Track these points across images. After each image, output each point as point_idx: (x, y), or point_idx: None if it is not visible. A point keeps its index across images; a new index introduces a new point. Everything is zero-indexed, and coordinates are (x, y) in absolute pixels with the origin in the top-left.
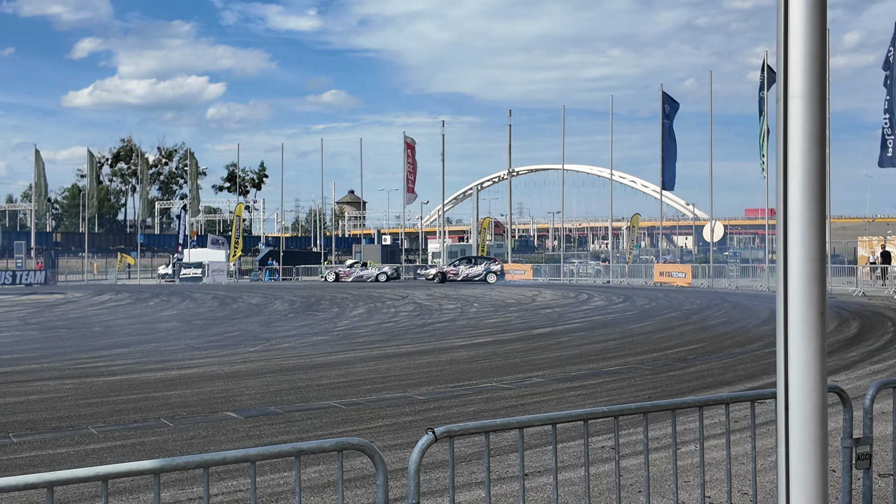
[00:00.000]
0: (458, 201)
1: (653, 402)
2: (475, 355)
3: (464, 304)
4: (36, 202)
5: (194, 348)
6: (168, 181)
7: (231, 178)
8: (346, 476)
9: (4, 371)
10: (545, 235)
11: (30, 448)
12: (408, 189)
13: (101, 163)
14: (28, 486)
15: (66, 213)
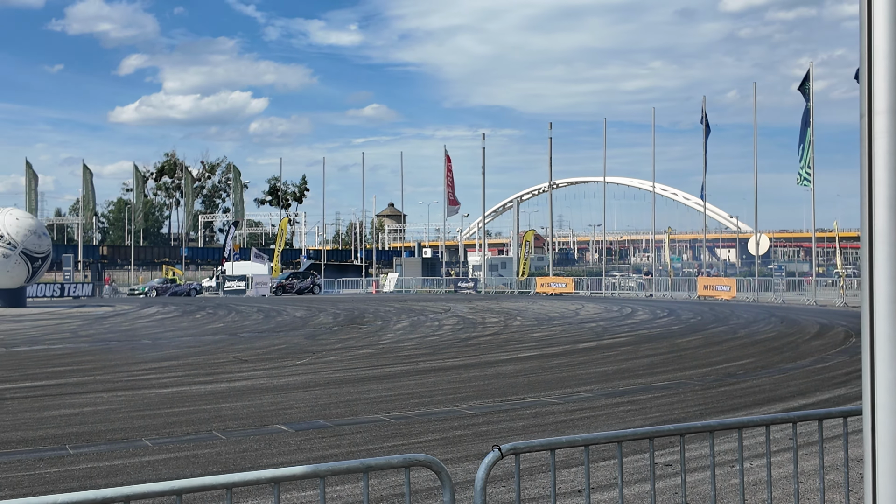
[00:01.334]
0: (497, 214)
1: (719, 421)
2: (521, 369)
3: (507, 318)
4: (83, 216)
5: (242, 361)
6: (211, 195)
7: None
8: (404, 490)
9: (59, 383)
10: (585, 248)
11: (86, 460)
12: (448, 202)
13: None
14: (106, 500)
15: (112, 227)
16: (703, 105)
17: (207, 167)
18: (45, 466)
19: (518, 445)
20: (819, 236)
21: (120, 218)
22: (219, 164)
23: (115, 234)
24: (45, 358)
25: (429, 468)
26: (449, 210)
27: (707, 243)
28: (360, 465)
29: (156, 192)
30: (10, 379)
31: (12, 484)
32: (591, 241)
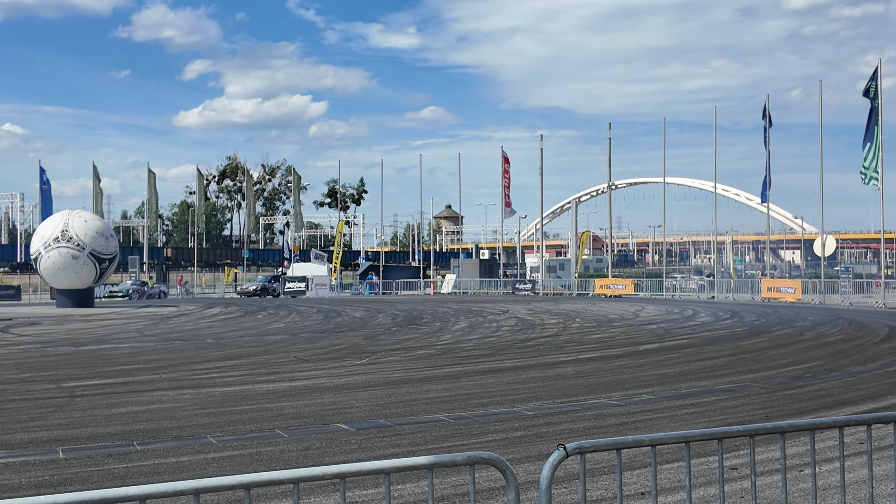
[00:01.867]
0: (555, 215)
1: (790, 422)
2: (581, 371)
3: (566, 320)
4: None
5: (303, 360)
6: (272, 197)
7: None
8: (465, 490)
9: (126, 381)
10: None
11: (153, 456)
12: (505, 203)
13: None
14: (176, 493)
15: (175, 229)
16: (767, 104)
17: (268, 170)
18: (114, 462)
19: (583, 445)
20: (888, 237)
21: (183, 220)
22: (279, 166)
23: (179, 237)
24: (113, 356)
25: (493, 466)
26: (506, 211)
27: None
28: (426, 463)
29: (218, 194)
30: (80, 377)
31: (82, 479)
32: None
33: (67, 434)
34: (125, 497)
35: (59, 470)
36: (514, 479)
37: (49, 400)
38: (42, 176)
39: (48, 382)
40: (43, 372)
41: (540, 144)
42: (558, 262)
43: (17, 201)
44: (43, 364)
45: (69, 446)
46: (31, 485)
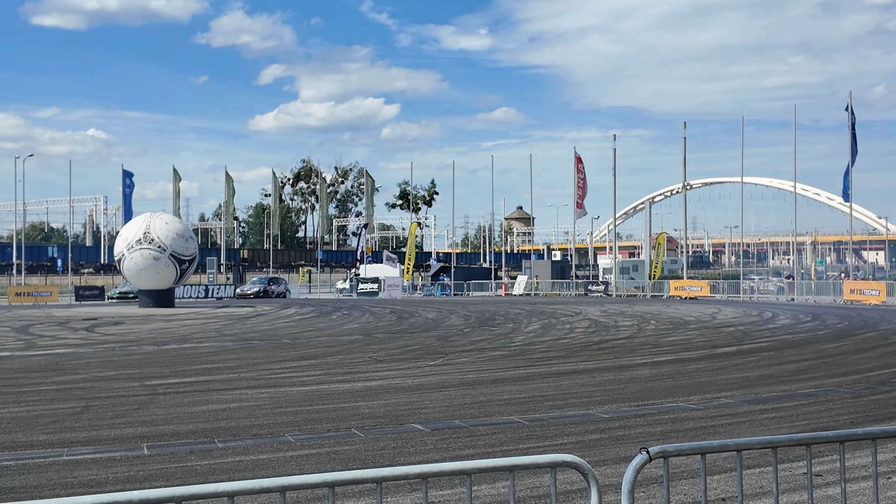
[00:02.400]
0: (628, 216)
1: (882, 428)
2: (657, 374)
3: (640, 321)
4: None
5: (377, 361)
6: (344, 199)
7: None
8: (541, 492)
9: (207, 380)
10: (721, 251)
11: (234, 454)
12: (577, 204)
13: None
14: (263, 490)
15: (251, 231)
16: (850, 101)
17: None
18: (196, 459)
19: (667, 448)
20: None
21: (259, 222)
22: (351, 169)
23: (255, 238)
24: (194, 356)
25: (575, 469)
26: (578, 212)
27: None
28: (507, 464)
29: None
30: (163, 375)
31: (166, 475)
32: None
33: (151, 431)
34: (214, 493)
35: (144, 466)
36: (597, 482)
37: (133, 397)
38: (125, 179)
39: (132, 380)
40: (127, 370)
41: (613, 144)
42: (631, 264)
43: (101, 204)
44: (127, 362)
45: (153, 443)
46: (118, 480)
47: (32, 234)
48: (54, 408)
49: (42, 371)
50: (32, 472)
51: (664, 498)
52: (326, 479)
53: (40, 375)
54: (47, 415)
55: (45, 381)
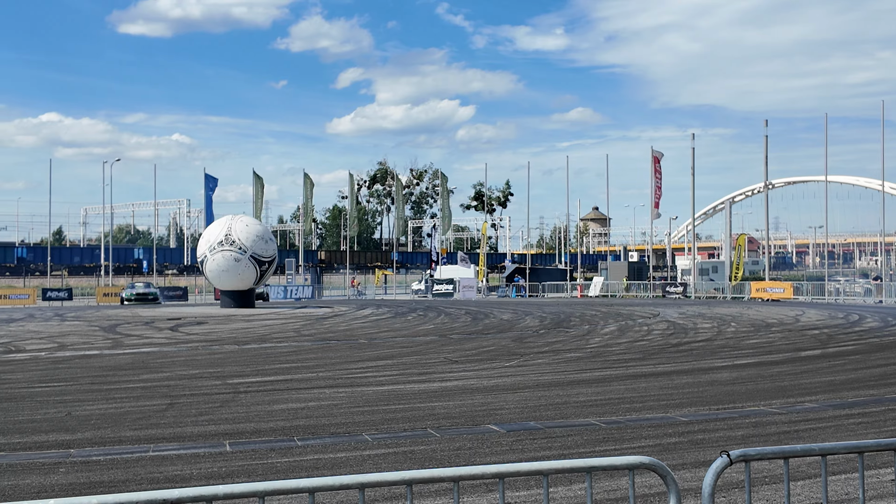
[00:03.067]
0: (707, 216)
1: None
2: (738, 377)
3: (720, 324)
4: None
5: (452, 362)
6: (419, 201)
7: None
8: (617, 496)
9: (286, 379)
10: (804, 252)
11: (313, 451)
12: (654, 204)
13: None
14: (343, 487)
15: (328, 233)
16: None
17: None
18: (277, 456)
19: (748, 452)
20: None
21: (335, 224)
22: (426, 170)
23: (331, 240)
24: (273, 355)
25: (654, 472)
26: (655, 213)
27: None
28: (584, 465)
29: (368, 199)
30: (244, 374)
31: (248, 472)
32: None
33: (233, 428)
34: (296, 489)
35: (227, 462)
36: (676, 485)
37: (216, 395)
38: (207, 183)
39: (215, 379)
40: (210, 369)
41: (691, 143)
42: (711, 265)
43: (184, 207)
44: (209, 361)
45: (235, 440)
46: (201, 476)
47: (119, 237)
48: (141, 405)
49: (129, 369)
50: (121, 467)
51: (745, 503)
52: (405, 476)
53: (127, 373)
54: (134, 412)
55: (132, 378)
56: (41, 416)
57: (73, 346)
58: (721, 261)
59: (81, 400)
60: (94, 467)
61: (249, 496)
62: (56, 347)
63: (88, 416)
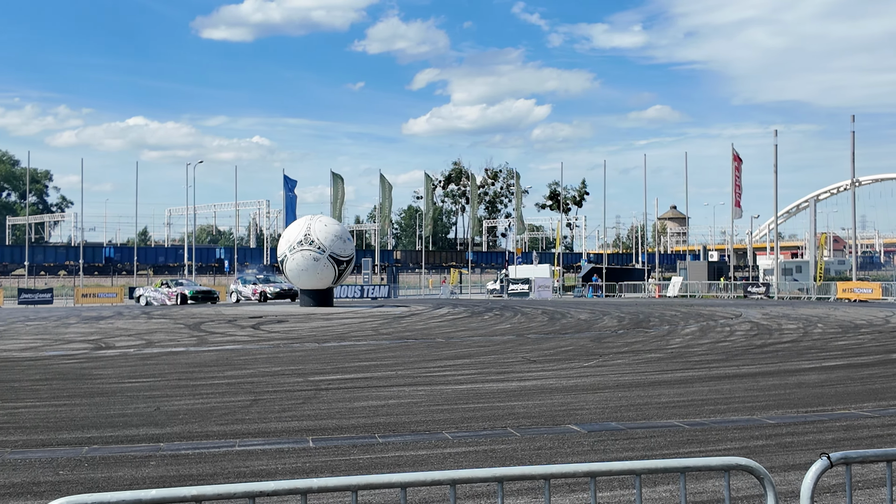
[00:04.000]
0: (791, 215)
1: None
2: (826, 379)
3: (806, 325)
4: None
5: (530, 361)
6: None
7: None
8: (707, 498)
9: (366, 376)
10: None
11: (394, 449)
12: (735, 203)
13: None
14: (435, 482)
15: (403, 233)
16: None
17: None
18: (358, 453)
19: (850, 455)
20: None
21: (411, 224)
22: (501, 170)
23: (407, 240)
24: (353, 353)
25: (749, 473)
26: (736, 211)
27: None
28: (677, 465)
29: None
30: (325, 371)
31: (331, 467)
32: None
33: (316, 425)
34: (388, 483)
35: (310, 458)
36: (773, 486)
37: (298, 392)
38: (287, 184)
39: (296, 376)
40: (291, 366)
41: (774, 140)
42: (794, 264)
43: (264, 208)
44: (291, 359)
45: (318, 436)
46: (286, 471)
47: (202, 237)
48: (226, 400)
49: (214, 366)
50: (208, 461)
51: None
52: (496, 473)
53: (212, 370)
54: (220, 407)
55: (217, 375)
56: (131, 410)
57: (159, 342)
58: (805, 260)
59: (169, 395)
60: (183, 461)
61: (343, 490)
62: (144, 344)
63: (176, 411)
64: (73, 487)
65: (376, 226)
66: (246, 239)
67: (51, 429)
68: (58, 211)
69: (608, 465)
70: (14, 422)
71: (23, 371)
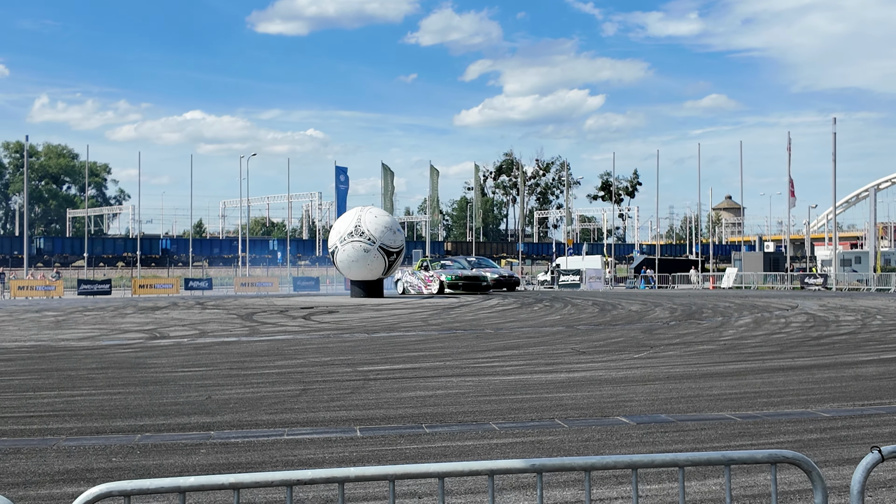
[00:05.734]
0: (850, 205)
1: None
2: (885, 372)
3: (864, 317)
4: (430, 214)
5: (580, 353)
6: (545, 191)
7: (605, 186)
8: (754, 492)
9: (414, 367)
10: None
11: (441, 439)
12: (790, 192)
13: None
14: (472, 473)
15: (454, 224)
16: None
17: (542, 165)
18: (405, 443)
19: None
20: None
21: (462, 215)
22: (553, 161)
23: (458, 231)
24: (402, 343)
25: (797, 467)
26: (792, 201)
27: None
28: (722, 458)
29: (494, 190)
30: (373, 362)
31: (377, 457)
32: None
33: (363, 414)
34: (426, 473)
35: (357, 447)
36: (822, 481)
37: (347, 382)
38: (339, 176)
39: (345, 366)
40: (341, 356)
41: (833, 128)
42: (854, 255)
43: (316, 200)
44: (341, 349)
45: (365, 426)
46: (333, 460)
47: (255, 229)
48: (276, 390)
49: (265, 355)
50: (257, 450)
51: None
52: (534, 464)
53: (263, 360)
54: (270, 396)
55: (267, 364)
56: (184, 399)
57: (212, 332)
58: (864, 251)
59: (220, 385)
60: (233, 449)
61: (380, 479)
62: (197, 334)
63: (227, 399)
64: (124, 474)
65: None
66: (299, 230)
67: (105, 416)
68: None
69: (650, 456)
70: (70, 409)
71: (80, 360)
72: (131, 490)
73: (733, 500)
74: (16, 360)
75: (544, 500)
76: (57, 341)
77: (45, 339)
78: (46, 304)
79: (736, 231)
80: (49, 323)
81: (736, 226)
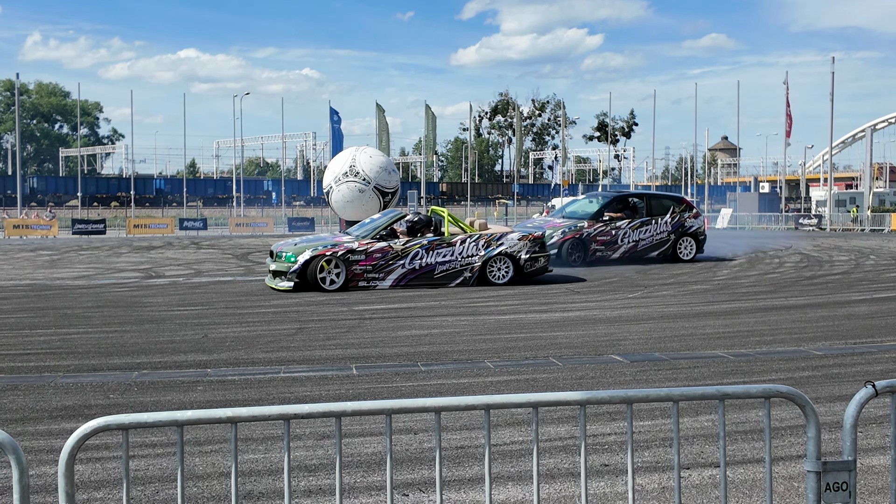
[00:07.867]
0: (846, 145)
1: None
2: (876, 311)
3: (858, 256)
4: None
5: (574, 292)
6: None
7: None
8: (748, 427)
9: (409, 307)
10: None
11: (436, 377)
12: (787, 132)
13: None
14: (469, 407)
15: (450, 165)
16: None
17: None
18: (401, 380)
19: (895, 383)
20: None
21: (457, 156)
22: (549, 101)
23: (453, 172)
24: None
25: (791, 401)
26: (788, 141)
27: None
28: (716, 393)
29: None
30: (368, 301)
31: (374, 394)
32: None
33: (359, 353)
34: (422, 408)
35: (353, 385)
36: (815, 415)
37: (342, 321)
38: (332, 116)
39: (341, 306)
40: (336, 296)
41: (831, 68)
42: (848, 196)
43: (311, 140)
44: None
45: (361, 364)
46: (330, 397)
47: (249, 169)
48: (272, 329)
49: (260, 295)
50: (254, 387)
51: (891, 437)
52: (529, 399)
53: (259, 299)
54: (266, 335)
55: (263, 304)
56: (180, 337)
57: (208, 272)
58: (860, 192)
59: (217, 323)
60: (230, 386)
61: (377, 413)
62: (193, 273)
63: (223, 338)
64: (122, 410)
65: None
66: (294, 171)
67: (102, 354)
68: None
69: (645, 391)
70: (67, 347)
71: (76, 298)
72: (129, 423)
73: (726, 436)
74: (11, 298)
75: (539, 436)
76: (52, 280)
77: (41, 278)
78: (41, 244)
79: (732, 172)
80: (44, 262)
81: (732, 167)
